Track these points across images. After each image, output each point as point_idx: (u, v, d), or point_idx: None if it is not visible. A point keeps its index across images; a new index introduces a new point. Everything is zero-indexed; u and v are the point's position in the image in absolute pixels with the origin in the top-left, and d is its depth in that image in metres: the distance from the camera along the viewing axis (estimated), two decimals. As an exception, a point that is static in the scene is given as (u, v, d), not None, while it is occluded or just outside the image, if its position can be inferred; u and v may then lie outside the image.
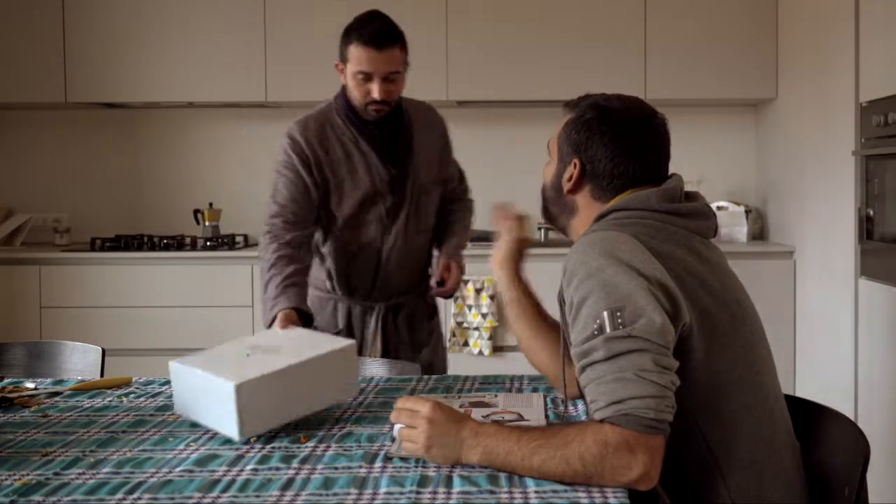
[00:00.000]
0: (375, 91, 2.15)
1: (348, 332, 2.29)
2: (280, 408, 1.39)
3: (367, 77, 2.15)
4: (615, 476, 1.16)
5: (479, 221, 4.22)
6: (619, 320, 1.21)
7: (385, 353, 2.27)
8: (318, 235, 2.27)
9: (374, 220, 2.23)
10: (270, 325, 1.90)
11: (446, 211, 2.43)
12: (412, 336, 2.35)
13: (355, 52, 2.15)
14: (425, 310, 2.40)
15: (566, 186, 1.48)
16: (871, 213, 2.95)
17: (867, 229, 2.97)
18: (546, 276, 1.61)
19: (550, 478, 1.19)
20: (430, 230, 2.37)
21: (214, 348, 1.57)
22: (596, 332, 1.22)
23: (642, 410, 1.16)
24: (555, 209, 1.54)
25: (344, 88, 2.27)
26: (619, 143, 1.43)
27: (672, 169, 1.53)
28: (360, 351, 2.24)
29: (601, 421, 1.19)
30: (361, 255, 2.25)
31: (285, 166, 2.21)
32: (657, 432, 1.17)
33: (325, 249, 2.27)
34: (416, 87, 3.98)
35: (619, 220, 1.38)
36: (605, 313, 1.22)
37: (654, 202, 1.38)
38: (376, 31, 2.16)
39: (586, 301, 1.25)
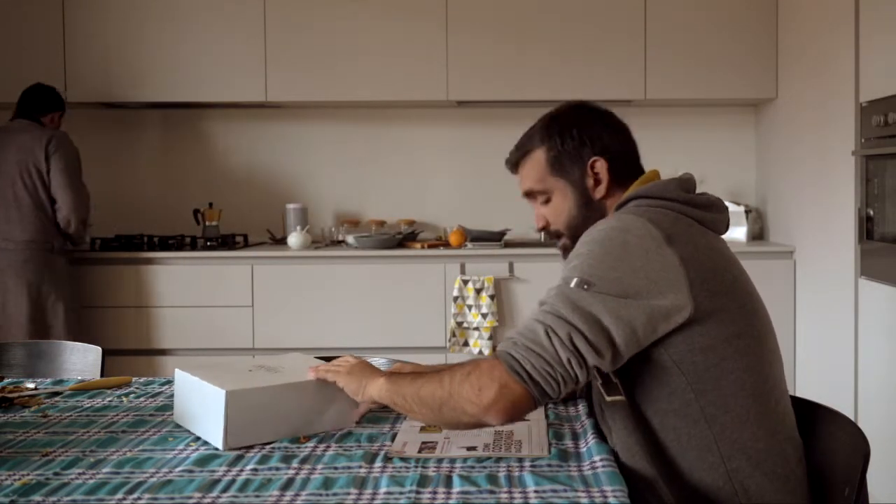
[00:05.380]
0: None
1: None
2: (267, 424, 1.39)
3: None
4: (469, 394, 1.22)
5: (479, 222, 4.23)
6: (584, 289, 1.24)
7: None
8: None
9: None
10: None
11: None
12: None
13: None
14: None
15: (599, 193, 1.47)
16: (871, 213, 2.95)
17: (867, 229, 2.97)
18: (547, 276, 1.60)
19: (425, 403, 1.27)
20: None
21: (222, 362, 1.59)
22: (559, 285, 1.28)
23: (522, 359, 1.21)
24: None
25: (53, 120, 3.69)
26: (603, 120, 1.50)
27: (672, 169, 1.54)
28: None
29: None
30: None
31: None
32: (522, 384, 1.21)
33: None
34: (416, 87, 4.02)
35: (638, 206, 1.39)
36: (576, 278, 1.26)
37: (673, 190, 1.39)
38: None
39: (570, 263, 1.30)
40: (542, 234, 4.20)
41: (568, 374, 1.22)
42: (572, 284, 1.25)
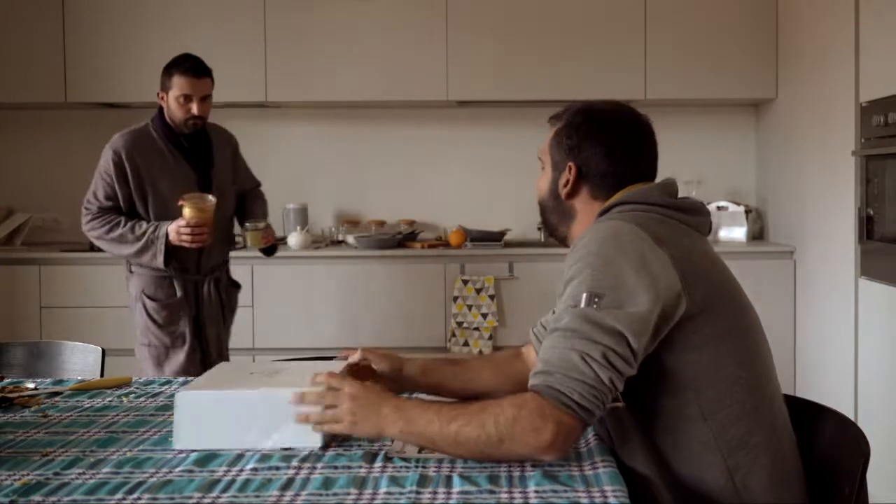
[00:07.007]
0: (195, 108, 2.79)
1: (185, 300, 2.89)
2: (225, 430, 1.35)
3: (188, 98, 2.79)
4: (525, 438, 1.20)
5: (479, 222, 4.23)
6: (595, 305, 1.24)
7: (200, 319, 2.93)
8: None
9: None
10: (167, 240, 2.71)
11: (244, 199, 3.16)
12: (228, 301, 3.07)
13: (179, 80, 2.79)
14: (231, 282, 3.13)
15: (563, 192, 1.49)
16: (871, 213, 2.95)
17: (867, 229, 2.97)
18: (546, 276, 1.60)
19: (466, 446, 1.23)
20: (230, 219, 3.10)
21: (250, 363, 1.58)
22: (571, 306, 1.26)
23: (568, 390, 1.21)
24: (554, 217, 1.54)
25: (161, 112, 2.88)
26: (610, 143, 1.47)
27: (672, 169, 1.54)
28: (199, 313, 2.92)
29: (529, 388, 1.24)
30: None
31: (107, 172, 2.83)
32: (574, 415, 1.21)
33: None
34: (416, 87, 4.02)
35: (622, 212, 1.40)
36: (585, 295, 1.26)
37: (656, 196, 1.42)
38: (194, 64, 2.81)
39: (573, 281, 1.30)
40: (542, 233, 4.20)
41: (610, 392, 1.23)
42: (583, 303, 1.25)
